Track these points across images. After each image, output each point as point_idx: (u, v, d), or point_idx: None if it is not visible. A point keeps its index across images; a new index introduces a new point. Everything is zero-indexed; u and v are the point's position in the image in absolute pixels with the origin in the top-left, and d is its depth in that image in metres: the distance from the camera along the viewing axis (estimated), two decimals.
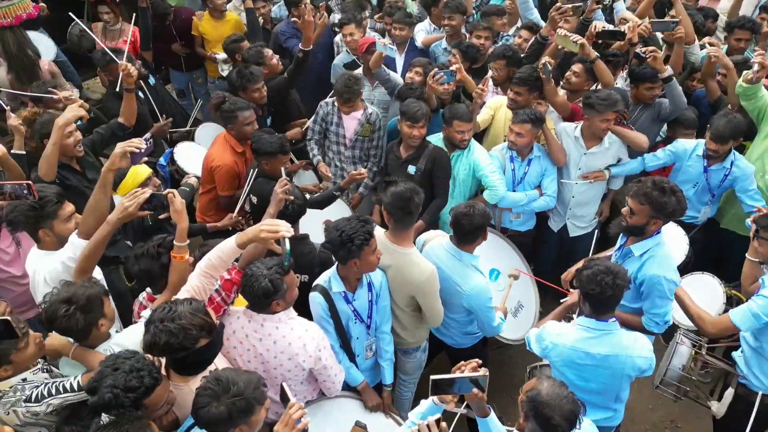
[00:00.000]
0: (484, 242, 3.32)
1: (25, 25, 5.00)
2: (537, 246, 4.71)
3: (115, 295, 3.09)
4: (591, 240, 4.21)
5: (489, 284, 3.83)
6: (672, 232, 3.98)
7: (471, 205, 3.24)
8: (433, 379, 2.33)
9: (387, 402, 3.28)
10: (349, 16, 5.33)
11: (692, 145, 4.20)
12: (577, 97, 4.57)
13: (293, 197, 3.29)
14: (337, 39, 5.79)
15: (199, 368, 2.48)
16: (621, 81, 4.82)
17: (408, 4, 6.40)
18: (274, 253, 3.00)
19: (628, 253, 3.24)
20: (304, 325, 2.85)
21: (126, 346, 2.48)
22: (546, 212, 4.52)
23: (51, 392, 2.42)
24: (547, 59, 4.24)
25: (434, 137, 4.30)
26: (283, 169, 3.83)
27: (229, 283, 2.79)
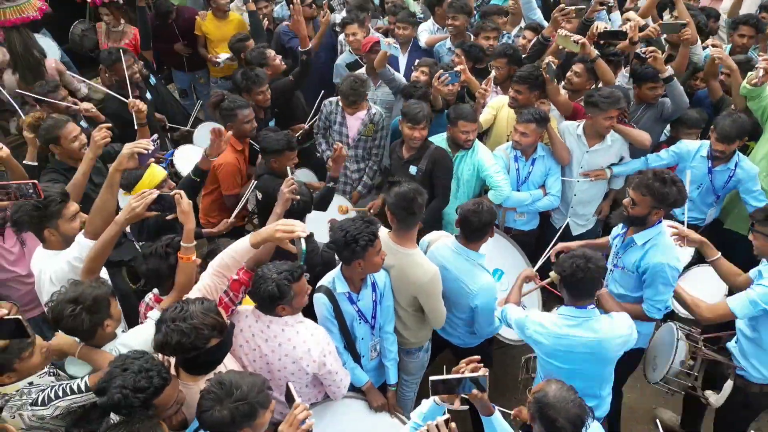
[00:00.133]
0: (486, 242, 3.32)
1: (28, 27, 5.00)
2: (540, 245, 4.69)
3: (118, 297, 3.06)
4: (594, 237, 4.19)
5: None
6: None
7: (479, 202, 3.24)
8: (433, 380, 2.33)
9: (392, 402, 3.28)
10: (351, 16, 5.33)
11: (696, 147, 4.19)
12: (578, 96, 4.58)
13: (300, 194, 3.28)
14: (341, 38, 5.78)
15: (210, 368, 2.48)
16: (622, 79, 4.82)
17: (410, 4, 6.39)
18: (281, 254, 2.99)
19: (631, 243, 3.28)
20: (311, 329, 2.83)
21: (132, 347, 2.48)
22: (549, 211, 4.53)
23: (58, 394, 2.41)
24: (551, 59, 4.25)
25: (438, 137, 4.30)
26: (290, 168, 3.83)
27: (237, 284, 2.79)
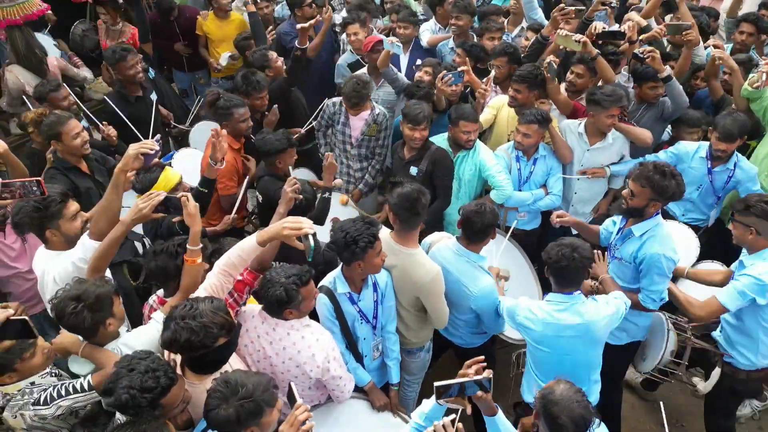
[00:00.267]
0: (487, 242, 3.33)
1: (29, 26, 5.02)
2: (542, 245, 4.69)
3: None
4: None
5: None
6: (682, 234, 3.99)
7: (481, 203, 3.25)
8: (437, 385, 2.33)
9: (394, 401, 3.27)
10: (353, 16, 5.32)
11: (694, 147, 4.20)
12: (578, 95, 4.59)
13: (303, 192, 3.29)
14: (343, 37, 5.77)
15: (216, 367, 2.48)
16: (620, 78, 4.82)
17: (411, 4, 6.39)
18: (285, 254, 2.99)
19: (629, 234, 3.31)
20: (316, 334, 2.81)
21: (134, 347, 2.48)
22: (550, 210, 4.52)
23: (60, 394, 2.41)
24: (552, 58, 4.25)
25: (439, 138, 4.30)
26: (291, 168, 3.82)
27: (242, 284, 2.77)
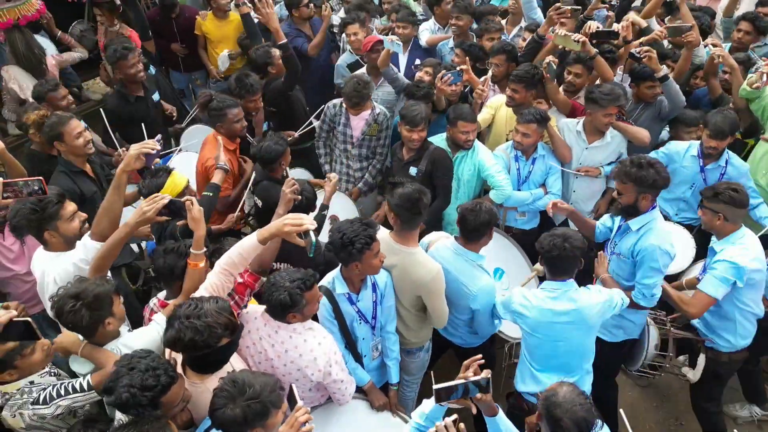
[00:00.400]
0: (485, 242, 3.33)
1: (28, 27, 5.05)
2: None
3: None
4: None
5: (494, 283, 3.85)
6: (679, 235, 4.00)
7: (478, 202, 3.26)
8: (436, 388, 2.34)
9: (394, 401, 3.28)
10: (353, 16, 5.31)
11: (685, 146, 4.22)
12: (575, 94, 4.61)
13: (303, 191, 3.29)
14: (342, 37, 5.74)
15: (217, 366, 2.47)
16: (616, 78, 4.83)
17: (411, 4, 6.39)
18: (286, 255, 2.98)
19: (627, 229, 3.34)
20: (318, 337, 2.79)
21: (134, 347, 2.46)
22: None
23: (60, 393, 2.41)
24: (551, 58, 4.27)
25: (437, 138, 4.30)
26: (288, 169, 3.82)
27: (242, 287, 2.76)
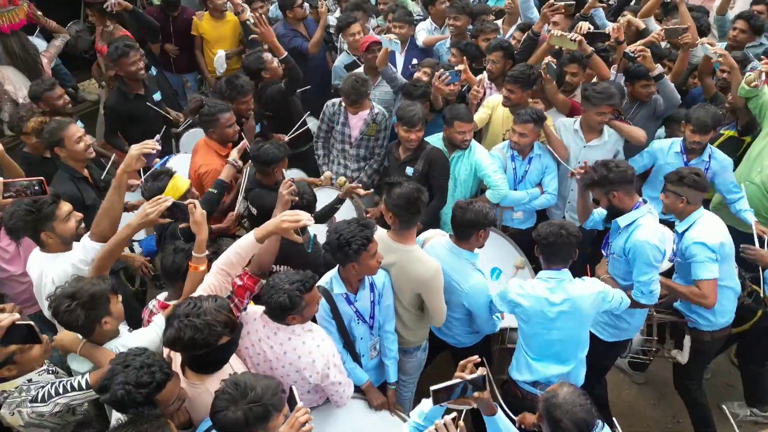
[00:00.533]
0: (486, 240, 3.33)
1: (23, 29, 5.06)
2: None
3: None
4: (592, 233, 4.19)
5: (491, 283, 3.85)
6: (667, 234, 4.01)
7: (472, 201, 3.26)
8: (433, 389, 2.34)
9: (392, 400, 3.27)
10: (354, 16, 5.31)
11: (668, 144, 4.26)
12: (570, 93, 4.63)
13: (303, 194, 3.29)
14: (340, 37, 5.70)
15: (217, 366, 2.46)
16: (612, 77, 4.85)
17: (408, 4, 6.40)
18: (286, 257, 2.97)
19: (617, 228, 3.38)
20: (317, 339, 2.78)
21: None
22: (545, 209, 4.52)
23: (58, 391, 2.41)
24: (550, 59, 4.29)
25: (434, 137, 4.30)
26: (284, 170, 3.81)
27: (242, 289, 2.74)
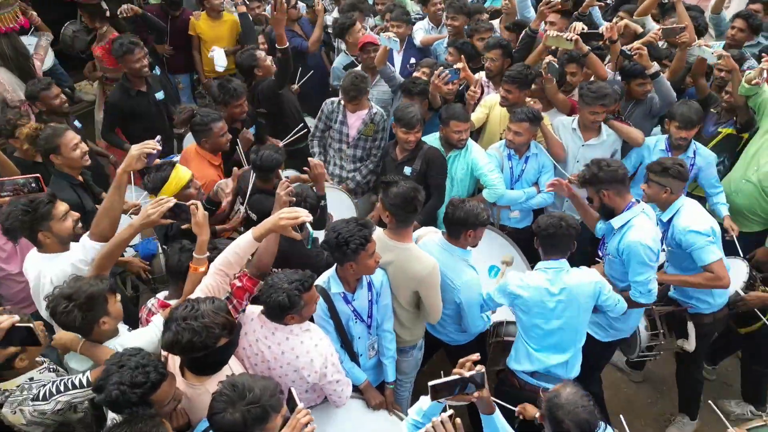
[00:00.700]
0: (482, 238, 3.34)
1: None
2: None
3: None
4: (589, 233, 4.21)
5: (489, 280, 3.86)
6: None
7: (466, 200, 3.27)
8: (431, 385, 2.34)
9: (390, 399, 3.27)
10: (354, 17, 5.31)
11: (653, 141, 4.29)
12: (569, 93, 4.65)
13: (306, 197, 3.29)
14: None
15: (216, 368, 2.46)
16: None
17: (407, 3, 6.42)
18: (285, 259, 2.97)
19: (611, 229, 3.39)
20: (315, 339, 2.78)
21: None
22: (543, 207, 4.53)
23: (60, 389, 2.41)
24: (551, 58, 4.30)
25: (430, 137, 4.30)
26: (281, 171, 3.80)
27: (241, 291, 2.73)
